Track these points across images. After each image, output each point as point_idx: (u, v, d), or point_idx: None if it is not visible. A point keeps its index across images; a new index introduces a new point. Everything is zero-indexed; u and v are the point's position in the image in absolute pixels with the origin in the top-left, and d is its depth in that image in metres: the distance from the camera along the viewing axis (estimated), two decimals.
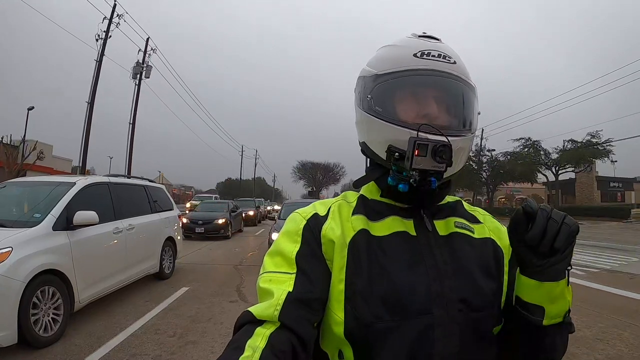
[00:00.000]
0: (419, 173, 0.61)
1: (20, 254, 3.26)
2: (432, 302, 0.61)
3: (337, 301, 0.62)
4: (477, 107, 0.71)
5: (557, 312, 0.60)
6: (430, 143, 0.60)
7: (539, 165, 30.74)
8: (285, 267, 0.63)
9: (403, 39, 0.71)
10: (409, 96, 0.67)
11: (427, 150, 0.60)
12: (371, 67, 0.71)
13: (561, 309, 0.60)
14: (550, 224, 0.55)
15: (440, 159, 0.60)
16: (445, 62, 0.66)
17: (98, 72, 16.28)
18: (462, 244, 0.68)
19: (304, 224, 0.68)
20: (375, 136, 0.69)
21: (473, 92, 0.70)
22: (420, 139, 0.60)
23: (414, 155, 0.60)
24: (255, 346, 0.53)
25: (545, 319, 0.60)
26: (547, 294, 0.58)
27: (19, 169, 17.36)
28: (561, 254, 0.56)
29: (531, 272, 0.58)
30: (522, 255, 0.59)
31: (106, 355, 3.26)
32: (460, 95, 0.68)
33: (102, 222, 4.37)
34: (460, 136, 0.66)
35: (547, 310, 0.59)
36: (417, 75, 0.66)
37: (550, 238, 0.55)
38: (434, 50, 0.67)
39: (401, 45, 0.69)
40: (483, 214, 0.78)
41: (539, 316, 0.60)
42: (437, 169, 0.61)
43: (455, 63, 0.67)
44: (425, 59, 0.66)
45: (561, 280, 0.58)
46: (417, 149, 0.60)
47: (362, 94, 0.71)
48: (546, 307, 0.59)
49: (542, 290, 0.58)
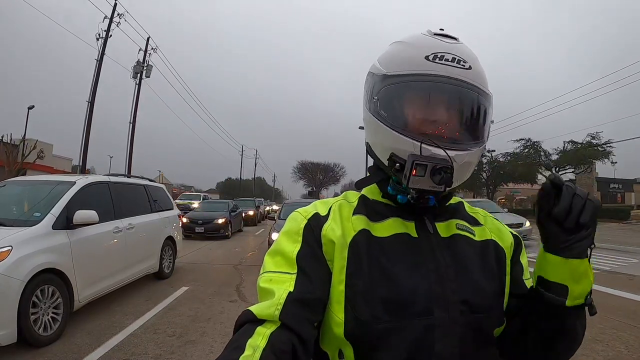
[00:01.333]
0: (416, 192, 0.61)
1: (20, 253, 3.26)
2: (433, 304, 0.60)
3: (338, 302, 0.62)
4: (491, 116, 0.67)
5: (580, 292, 0.59)
6: (430, 163, 0.58)
7: (539, 166, 30.69)
8: (286, 267, 0.63)
9: (417, 36, 0.66)
10: (416, 104, 0.63)
11: (426, 171, 0.58)
12: (381, 65, 0.68)
13: (584, 289, 0.59)
14: (576, 199, 0.55)
15: (439, 180, 0.58)
16: (459, 68, 0.62)
17: (98, 72, 16.27)
18: (463, 246, 0.68)
19: (305, 223, 0.67)
20: (379, 140, 0.67)
21: (488, 101, 0.65)
22: (419, 158, 0.59)
23: (412, 174, 0.58)
24: (255, 345, 0.53)
25: (569, 300, 0.59)
26: (572, 271, 0.58)
27: (19, 168, 17.37)
28: (586, 230, 0.56)
29: (557, 249, 0.58)
30: (548, 230, 0.58)
31: (105, 354, 3.26)
32: (473, 105, 0.64)
33: (102, 222, 4.38)
34: (467, 150, 0.63)
35: (570, 290, 0.58)
36: (427, 81, 0.62)
37: (576, 213, 0.55)
38: (447, 54, 0.62)
39: (414, 44, 0.65)
40: (484, 215, 0.77)
41: (563, 296, 0.59)
42: (435, 189, 0.59)
43: (470, 69, 0.63)
44: (437, 63, 0.62)
45: (585, 258, 0.58)
46: (414, 169, 0.58)
47: (369, 94, 0.69)
48: (570, 286, 0.58)
49: (567, 267, 0.58)
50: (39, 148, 19.26)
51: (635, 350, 3.38)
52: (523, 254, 0.75)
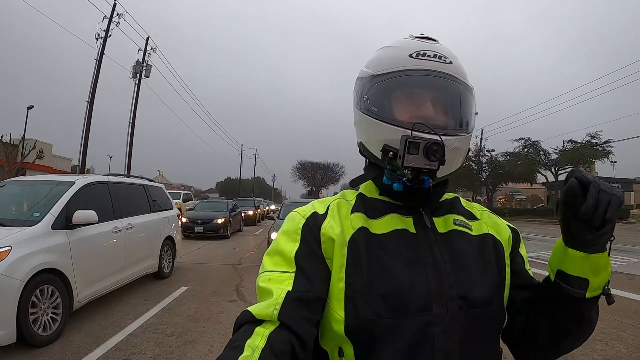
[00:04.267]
0: (411, 172, 0.61)
1: (19, 253, 3.26)
2: (432, 300, 0.61)
3: (338, 300, 0.63)
4: (475, 107, 0.71)
5: (600, 284, 0.60)
6: (423, 141, 0.60)
7: (539, 166, 30.74)
8: (285, 267, 0.63)
9: (400, 40, 0.71)
10: (404, 96, 0.67)
11: (420, 149, 0.60)
12: (368, 68, 0.72)
13: (603, 281, 0.60)
14: (602, 195, 0.55)
15: (433, 158, 0.60)
16: (440, 63, 0.67)
17: (98, 72, 16.27)
18: (461, 241, 0.69)
19: (304, 223, 0.68)
20: (371, 136, 0.69)
21: (470, 93, 0.70)
22: (412, 137, 0.60)
23: (406, 153, 0.60)
24: (254, 346, 0.53)
25: (589, 292, 0.59)
26: (592, 265, 0.58)
27: (18, 168, 17.35)
28: (610, 224, 0.56)
29: (580, 245, 0.58)
30: (573, 229, 0.58)
31: (105, 354, 3.26)
32: (456, 95, 0.68)
33: (102, 222, 4.37)
34: (455, 136, 0.66)
35: (591, 283, 0.59)
36: (412, 75, 0.66)
37: (602, 210, 0.55)
38: (429, 51, 0.67)
39: (398, 46, 0.70)
40: (480, 210, 0.78)
41: (583, 289, 0.59)
42: (430, 167, 0.61)
43: (451, 63, 0.68)
44: (420, 59, 0.66)
45: (605, 252, 0.58)
46: (409, 147, 0.60)
47: (359, 95, 0.72)
48: (591, 279, 0.59)
49: (589, 262, 0.58)
50: (39, 148, 19.24)
51: (635, 350, 3.38)
52: (522, 246, 0.76)
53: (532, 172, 30.91)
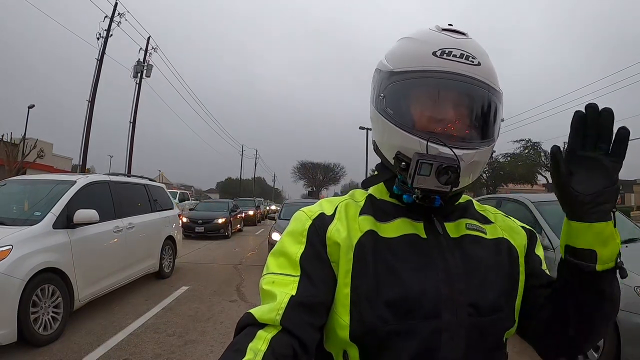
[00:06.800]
0: (422, 191, 0.59)
1: (20, 252, 3.26)
2: (441, 306, 0.59)
3: (343, 305, 0.61)
4: (501, 114, 0.65)
5: (609, 256, 0.57)
6: (435, 162, 0.56)
7: (539, 167, 30.69)
8: (289, 269, 0.62)
9: (424, 31, 0.64)
10: (424, 101, 0.62)
11: (431, 170, 0.57)
12: (388, 61, 0.66)
13: (613, 251, 0.57)
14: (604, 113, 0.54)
15: (445, 180, 0.57)
16: (467, 64, 0.60)
17: (99, 71, 16.24)
18: (473, 246, 0.66)
19: (310, 224, 0.65)
20: (385, 139, 0.66)
21: (497, 99, 0.64)
22: (424, 157, 0.57)
23: (416, 174, 0.57)
24: (256, 349, 0.52)
25: (599, 264, 0.57)
26: (598, 235, 0.56)
27: (19, 167, 17.36)
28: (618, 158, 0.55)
29: (581, 214, 0.56)
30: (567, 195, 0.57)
31: (105, 354, 3.26)
32: (482, 102, 0.62)
33: (103, 221, 4.38)
34: (475, 149, 0.61)
35: (599, 254, 0.57)
36: (434, 77, 0.60)
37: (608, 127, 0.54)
38: (455, 49, 0.60)
39: (421, 39, 0.63)
40: (494, 213, 0.75)
41: (592, 261, 0.57)
42: (440, 189, 0.57)
43: (479, 65, 0.61)
44: (445, 59, 0.60)
45: (610, 220, 0.57)
46: (420, 168, 0.57)
47: (376, 91, 0.67)
48: (598, 250, 0.57)
49: (593, 231, 0.56)
50: (39, 147, 19.24)
51: None
52: (538, 246, 0.73)
53: (533, 173, 30.85)
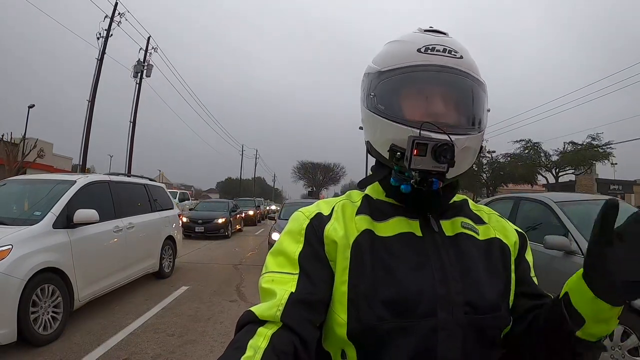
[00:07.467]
0: (419, 173, 0.59)
1: (20, 252, 3.26)
2: (437, 305, 0.60)
3: (340, 303, 0.62)
4: (487, 104, 0.68)
5: (594, 333, 0.54)
6: (430, 142, 0.57)
7: (540, 167, 30.69)
8: (288, 268, 0.63)
9: (408, 34, 0.69)
10: (413, 93, 0.65)
11: (427, 150, 0.57)
12: (375, 64, 0.69)
13: (600, 333, 0.54)
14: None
15: (441, 159, 0.57)
16: (450, 57, 0.64)
17: (99, 71, 16.24)
18: (468, 244, 0.67)
19: (307, 223, 0.67)
20: (378, 135, 0.68)
21: (482, 88, 0.67)
22: (419, 138, 0.58)
23: (413, 154, 0.58)
24: (257, 346, 0.53)
25: (580, 332, 0.54)
26: (596, 311, 0.52)
27: (19, 166, 17.36)
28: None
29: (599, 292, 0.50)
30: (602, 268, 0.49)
31: (105, 353, 3.26)
32: (467, 91, 0.65)
33: (103, 221, 4.38)
34: (466, 134, 0.63)
35: (586, 325, 0.53)
36: (420, 71, 0.64)
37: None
38: (438, 45, 0.64)
39: (406, 40, 0.67)
40: (489, 213, 0.76)
41: (575, 325, 0.54)
42: (438, 169, 0.58)
43: (462, 58, 0.65)
44: (429, 54, 0.64)
45: (620, 307, 0.51)
46: (416, 149, 0.58)
47: (366, 92, 0.70)
48: (588, 322, 0.53)
49: (594, 306, 0.52)
50: (39, 147, 19.25)
51: None
52: (528, 252, 0.74)
53: (533, 173, 30.84)
